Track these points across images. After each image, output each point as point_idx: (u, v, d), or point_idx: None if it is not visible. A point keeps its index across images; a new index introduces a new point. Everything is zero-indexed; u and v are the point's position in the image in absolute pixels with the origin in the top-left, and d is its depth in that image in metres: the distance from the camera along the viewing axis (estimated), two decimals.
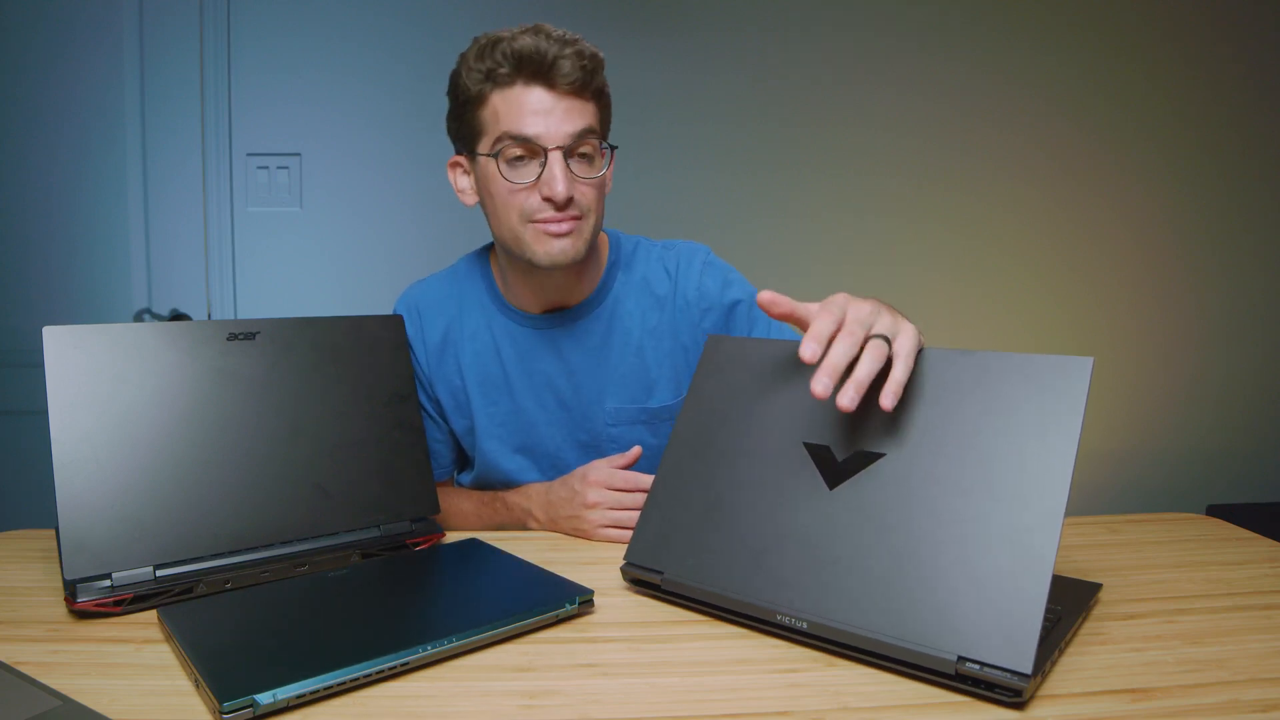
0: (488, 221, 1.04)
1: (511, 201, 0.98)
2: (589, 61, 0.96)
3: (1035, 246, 2.30)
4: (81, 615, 0.71)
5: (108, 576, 0.73)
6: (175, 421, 0.79)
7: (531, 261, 0.99)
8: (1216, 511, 2.22)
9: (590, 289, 1.10)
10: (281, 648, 0.63)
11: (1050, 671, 0.61)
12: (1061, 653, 0.64)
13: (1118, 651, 0.65)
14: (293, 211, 2.10)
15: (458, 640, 0.64)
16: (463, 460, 1.20)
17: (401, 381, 0.93)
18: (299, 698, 0.56)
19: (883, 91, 2.21)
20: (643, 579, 0.76)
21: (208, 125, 2.04)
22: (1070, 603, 0.70)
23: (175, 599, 0.74)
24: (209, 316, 2.07)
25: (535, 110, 0.94)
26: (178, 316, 2.03)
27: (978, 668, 0.57)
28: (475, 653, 0.65)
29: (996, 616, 0.58)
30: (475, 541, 0.88)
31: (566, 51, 0.94)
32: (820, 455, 0.71)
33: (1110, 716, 0.55)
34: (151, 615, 0.71)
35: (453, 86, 1.01)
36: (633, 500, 0.94)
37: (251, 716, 0.54)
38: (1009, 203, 2.28)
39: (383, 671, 0.60)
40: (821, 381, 0.65)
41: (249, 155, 2.07)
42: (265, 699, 0.55)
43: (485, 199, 1.02)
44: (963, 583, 0.60)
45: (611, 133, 1.04)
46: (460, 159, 1.05)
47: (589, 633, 0.70)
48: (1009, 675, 0.55)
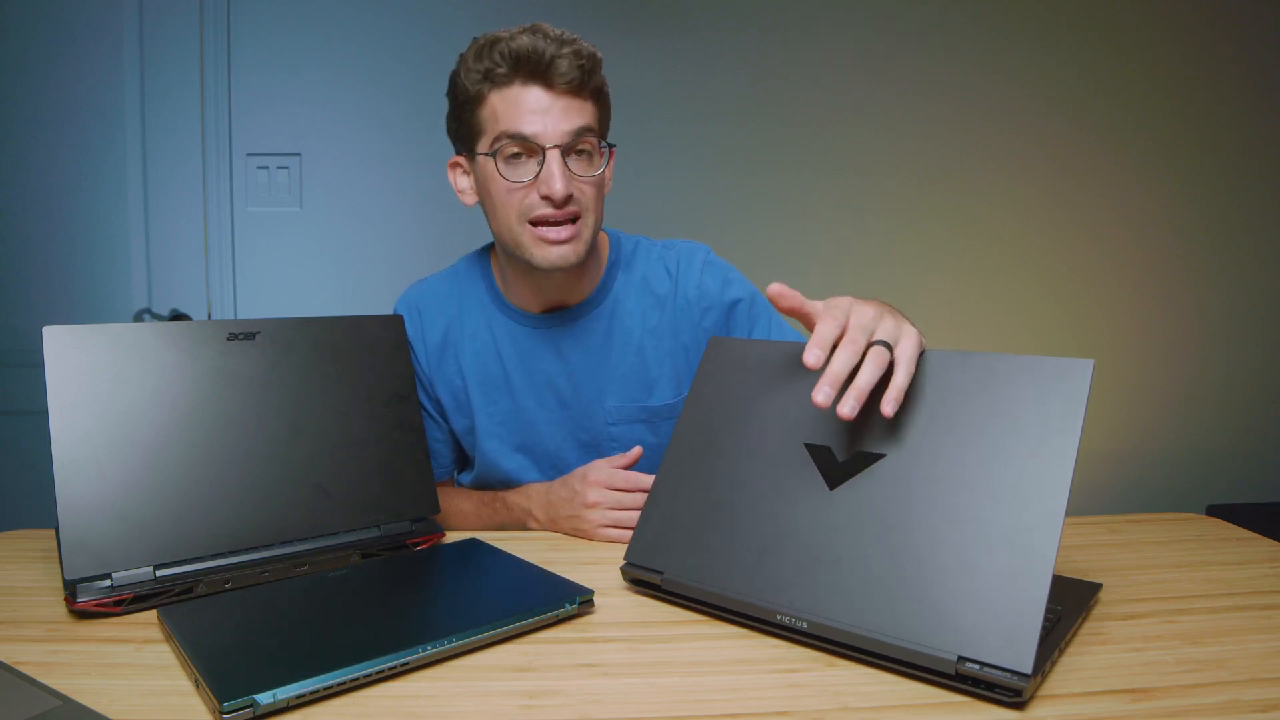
0: (487, 221, 1.04)
1: (510, 200, 0.98)
2: (586, 61, 0.96)
3: (1035, 246, 2.30)
4: (81, 615, 0.71)
5: (108, 576, 0.73)
6: (175, 421, 0.79)
7: (530, 264, 1.00)
8: (1216, 511, 2.22)
9: (590, 288, 1.10)
10: (281, 648, 0.63)
11: (1050, 671, 0.61)
12: (1061, 653, 0.64)
13: (1118, 651, 0.65)
14: (293, 211, 2.10)
15: (458, 640, 0.64)
16: (463, 460, 1.20)
17: (401, 381, 0.93)
18: (299, 698, 0.56)
19: (883, 91, 2.21)
20: (643, 579, 0.76)
21: (208, 125, 2.04)
22: (1070, 603, 0.70)
23: (175, 599, 0.74)
24: (209, 316, 2.07)
25: (533, 109, 0.95)
26: (178, 316, 2.03)
27: (978, 668, 0.57)
28: (475, 653, 0.65)
29: (996, 616, 0.58)
30: (475, 541, 0.88)
31: (564, 51, 0.94)
32: (821, 456, 0.71)
33: (1110, 716, 0.55)
34: (151, 615, 0.71)
35: (452, 87, 1.01)
36: (633, 500, 0.94)
37: (251, 716, 0.54)
38: (1009, 203, 2.28)
39: (383, 671, 0.60)
40: (824, 391, 0.66)
41: (249, 155, 2.07)
42: (265, 699, 0.55)
43: (485, 199, 1.02)
44: (963, 583, 0.60)
45: (611, 132, 1.05)
46: (460, 159, 1.05)
47: (589, 633, 0.69)
48: (1009, 675, 0.55)
